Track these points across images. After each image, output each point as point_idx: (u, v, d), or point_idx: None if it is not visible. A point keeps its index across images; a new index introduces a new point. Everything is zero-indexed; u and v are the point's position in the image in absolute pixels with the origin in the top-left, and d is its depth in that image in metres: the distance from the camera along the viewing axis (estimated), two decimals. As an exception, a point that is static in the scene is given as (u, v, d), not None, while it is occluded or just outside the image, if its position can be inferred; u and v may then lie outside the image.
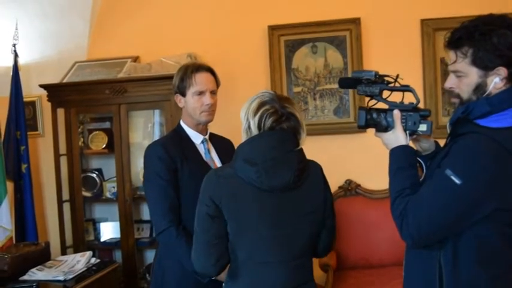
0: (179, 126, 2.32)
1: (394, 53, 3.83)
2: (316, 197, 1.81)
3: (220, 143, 2.38)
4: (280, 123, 1.72)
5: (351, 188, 3.91)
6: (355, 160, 3.88)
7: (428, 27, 3.76)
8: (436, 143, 1.77)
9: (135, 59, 4.08)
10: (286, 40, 3.97)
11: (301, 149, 1.77)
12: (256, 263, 1.73)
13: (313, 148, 3.88)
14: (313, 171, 1.83)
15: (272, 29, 3.96)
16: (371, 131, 1.82)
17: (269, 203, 1.70)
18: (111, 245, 4.01)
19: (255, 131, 1.72)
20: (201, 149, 2.29)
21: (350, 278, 3.53)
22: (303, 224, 1.75)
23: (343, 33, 3.90)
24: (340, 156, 3.93)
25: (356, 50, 3.86)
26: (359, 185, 3.90)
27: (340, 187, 3.93)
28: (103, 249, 4.07)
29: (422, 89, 3.77)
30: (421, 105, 3.63)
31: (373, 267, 3.62)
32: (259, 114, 1.71)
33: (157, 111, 3.96)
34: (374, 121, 1.76)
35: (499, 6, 3.61)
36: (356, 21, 3.85)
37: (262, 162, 1.67)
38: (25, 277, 2.79)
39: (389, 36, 3.87)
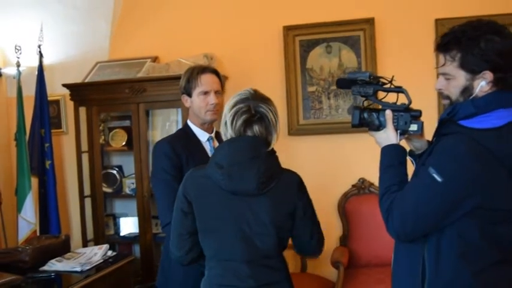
0: (186, 125, 2.43)
1: (408, 53, 3.85)
2: (285, 205, 1.81)
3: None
4: (252, 122, 1.77)
5: (364, 187, 3.95)
6: (368, 159, 3.85)
7: (443, 26, 3.75)
8: (428, 143, 1.81)
9: (154, 59, 4.20)
10: (301, 40, 4.03)
11: (272, 155, 1.81)
12: (221, 260, 1.81)
13: (327, 147, 4.02)
14: (286, 180, 1.82)
15: (287, 29, 4.03)
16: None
17: (234, 205, 1.76)
18: (130, 239, 4.14)
19: (229, 126, 1.78)
20: (207, 147, 2.39)
21: (361, 276, 3.57)
22: (268, 229, 1.77)
23: (357, 33, 3.93)
24: (354, 154, 3.97)
25: (370, 50, 3.89)
26: (372, 184, 3.93)
27: (353, 185, 3.98)
28: (122, 243, 4.22)
29: (436, 89, 3.77)
30: (434, 106, 3.71)
31: (385, 266, 3.61)
32: (233, 110, 1.78)
33: (175, 110, 4.06)
34: (367, 120, 1.81)
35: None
36: (370, 21, 3.88)
37: (227, 166, 1.73)
38: (45, 268, 2.91)
39: (403, 36, 3.88)
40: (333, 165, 4.03)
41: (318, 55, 4.01)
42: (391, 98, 1.82)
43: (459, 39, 1.59)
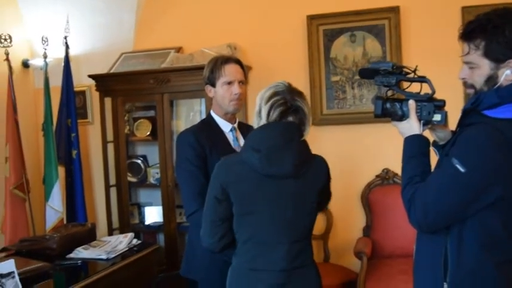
0: (209, 115, 2.44)
1: (434, 42, 3.78)
2: (317, 187, 1.92)
3: (248, 131, 2.45)
4: (288, 114, 1.85)
5: (388, 177, 3.92)
6: (393, 149, 3.80)
7: (470, 14, 3.66)
8: (452, 133, 1.79)
9: (178, 50, 4.23)
10: (325, 29, 4.00)
11: (305, 141, 1.89)
12: (256, 243, 1.87)
13: (351, 137, 3.99)
14: (317, 164, 1.95)
15: (311, 18, 4.00)
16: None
17: (270, 188, 1.83)
18: (154, 228, 4.20)
19: (264, 116, 1.86)
20: (230, 137, 2.40)
21: (384, 267, 3.55)
22: (302, 211, 1.88)
23: (382, 22, 3.89)
24: (378, 145, 3.94)
25: (395, 39, 3.84)
26: (396, 174, 3.90)
27: (377, 176, 3.95)
28: (147, 232, 4.28)
29: (463, 78, 3.70)
30: (460, 96, 3.65)
31: (408, 256, 3.57)
32: (270, 102, 1.85)
33: (199, 100, 4.08)
34: (390, 110, 1.80)
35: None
36: (395, 10, 3.83)
37: (264, 149, 1.80)
38: (71, 255, 2.97)
39: (429, 24, 3.82)
40: (357, 155, 4.00)
41: (342, 44, 3.98)
42: (414, 88, 1.80)
43: (483, 27, 1.56)
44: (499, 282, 1.52)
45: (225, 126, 2.41)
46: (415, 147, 1.68)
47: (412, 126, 1.72)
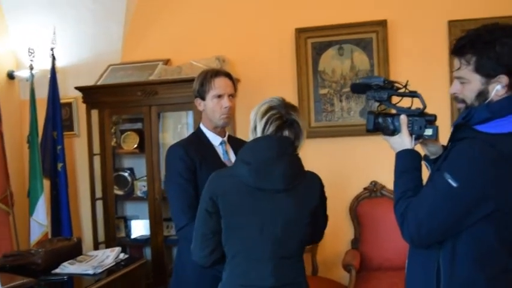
0: (199, 128, 2.43)
1: (421, 55, 3.83)
2: (309, 204, 1.89)
3: (238, 145, 2.44)
4: (283, 128, 1.85)
5: (376, 190, 3.93)
6: (380, 162, 3.85)
7: (456, 28, 3.72)
8: (443, 147, 1.80)
9: (166, 62, 4.21)
10: (313, 42, 4.02)
11: (297, 156, 1.89)
12: (245, 258, 1.84)
13: (339, 149, 4.00)
14: (310, 180, 1.92)
15: (299, 31, 4.02)
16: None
17: (260, 202, 1.81)
18: (141, 242, 4.15)
19: (259, 132, 1.86)
20: (220, 151, 2.38)
21: (373, 279, 3.55)
22: (293, 227, 1.84)
23: (370, 35, 3.92)
24: (366, 157, 3.95)
25: (382, 52, 3.87)
26: (384, 187, 3.91)
27: (365, 188, 3.96)
28: (133, 246, 4.23)
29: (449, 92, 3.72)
30: (446, 109, 3.68)
31: (397, 269, 3.60)
32: (266, 117, 1.85)
33: (187, 113, 4.07)
34: (382, 125, 1.80)
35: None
36: (383, 23, 3.86)
37: (255, 162, 1.80)
38: (57, 270, 2.92)
39: (416, 38, 3.86)
40: (345, 168, 4.01)
41: (330, 57, 4.00)
42: (405, 102, 1.81)
43: (474, 43, 1.57)
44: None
45: (215, 139, 2.39)
46: (407, 161, 1.69)
47: (403, 140, 1.72)
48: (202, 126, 2.41)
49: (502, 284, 1.53)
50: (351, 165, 4.01)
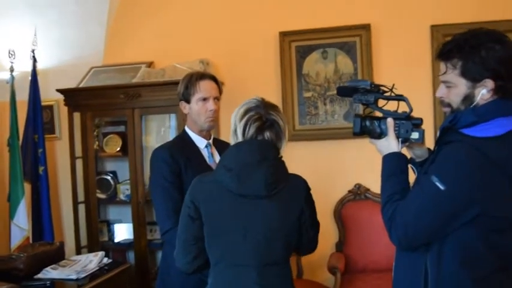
0: (184, 131, 2.42)
1: (404, 59, 3.86)
2: (293, 209, 1.84)
3: (223, 148, 2.42)
4: (264, 129, 1.81)
5: (360, 192, 3.95)
6: (364, 164, 3.90)
7: (438, 33, 3.77)
8: (429, 150, 1.81)
9: (149, 65, 4.18)
10: (297, 46, 4.03)
11: (281, 160, 1.85)
12: (228, 265, 1.80)
13: (323, 152, 4.01)
14: (294, 184, 1.87)
15: (283, 35, 4.02)
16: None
17: (242, 208, 1.77)
18: (124, 245, 4.10)
19: (240, 134, 1.82)
20: (205, 153, 2.37)
21: (358, 281, 3.56)
22: (277, 233, 1.79)
23: (353, 39, 3.94)
24: (350, 160, 3.97)
25: (366, 56, 3.90)
26: (368, 189, 3.93)
27: (349, 191, 3.98)
28: (116, 250, 4.18)
29: (432, 95, 3.76)
30: (429, 112, 3.72)
31: (382, 271, 3.64)
32: (245, 119, 1.81)
33: (170, 116, 4.04)
34: (368, 128, 1.81)
35: (507, 13, 3.65)
36: (366, 27, 3.89)
37: (236, 167, 1.76)
38: (40, 275, 2.87)
39: (399, 42, 3.89)
40: (329, 171, 4.02)
41: (314, 61, 4.01)
42: (391, 106, 1.82)
43: (460, 48, 1.59)
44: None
45: (200, 142, 2.38)
46: (394, 165, 1.70)
47: (390, 144, 1.73)
48: (187, 129, 2.40)
49: (491, 284, 1.54)
50: (335, 168, 4.03)
